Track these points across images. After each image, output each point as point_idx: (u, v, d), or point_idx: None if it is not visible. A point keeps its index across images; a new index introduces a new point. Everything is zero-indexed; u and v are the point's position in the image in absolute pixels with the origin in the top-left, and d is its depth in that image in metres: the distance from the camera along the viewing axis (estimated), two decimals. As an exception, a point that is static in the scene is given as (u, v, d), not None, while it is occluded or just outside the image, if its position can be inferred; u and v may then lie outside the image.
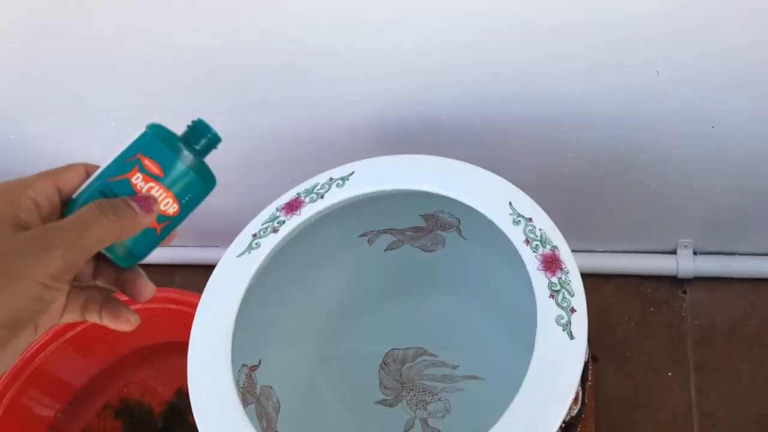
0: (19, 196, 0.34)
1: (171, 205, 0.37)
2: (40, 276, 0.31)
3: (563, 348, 0.57)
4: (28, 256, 0.31)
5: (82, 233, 0.32)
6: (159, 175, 0.36)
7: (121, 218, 0.34)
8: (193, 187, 0.37)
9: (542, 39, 0.66)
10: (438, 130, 0.80)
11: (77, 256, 0.32)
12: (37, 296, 0.31)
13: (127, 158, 0.36)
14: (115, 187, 0.35)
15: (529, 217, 0.64)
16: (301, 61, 0.73)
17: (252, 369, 0.73)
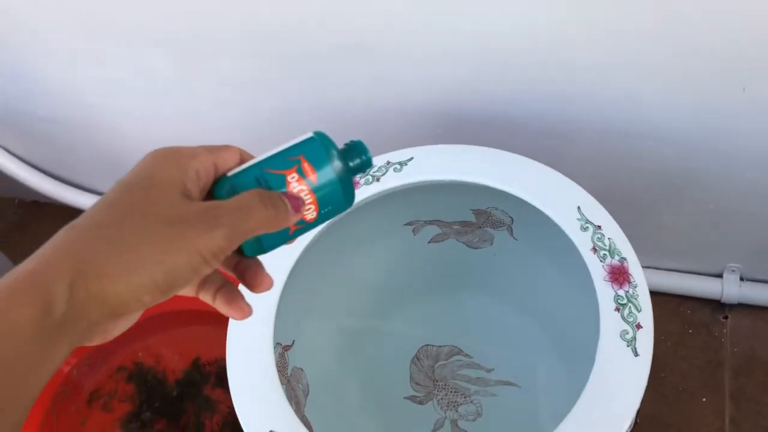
0: (187, 164, 0.34)
1: (311, 211, 0.37)
2: (203, 250, 0.31)
3: (626, 365, 0.54)
4: (197, 229, 0.31)
5: (245, 218, 0.33)
6: (312, 181, 0.37)
7: (276, 212, 0.34)
8: (336, 201, 0.38)
9: (629, 44, 0.63)
10: (499, 124, 0.77)
11: (237, 238, 0.32)
12: (195, 268, 0.31)
13: (288, 156, 0.37)
14: (271, 179, 0.36)
15: (598, 225, 0.61)
16: (369, 38, 0.70)
17: (285, 349, 0.70)
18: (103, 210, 0.31)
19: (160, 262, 0.30)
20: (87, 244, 0.29)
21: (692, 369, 0.91)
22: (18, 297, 0.27)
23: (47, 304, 0.27)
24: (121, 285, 0.29)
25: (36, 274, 0.28)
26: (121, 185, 0.33)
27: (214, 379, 0.99)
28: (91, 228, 0.30)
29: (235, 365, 0.60)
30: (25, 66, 0.91)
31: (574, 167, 0.79)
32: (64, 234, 0.30)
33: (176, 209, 0.31)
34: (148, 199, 0.31)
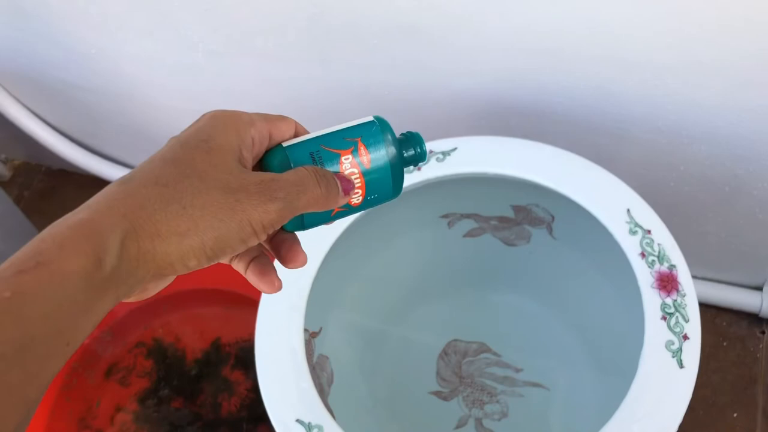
0: (245, 130, 0.33)
1: (358, 196, 0.36)
2: (256, 222, 0.31)
3: (670, 376, 0.52)
4: (253, 200, 0.31)
5: (299, 194, 0.32)
6: (365, 165, 0.36)
7: (328, 191, 0.34)
8: (383, 190, 0.37)
9: (688, 44, 0.60)
10: (546, 118, 0.74)
11: (289, 213, 0.32)
12: (244, 238, 0.31)
13: (346, 137, 0.36)
14: (325, 156, 0.35)
15: (647, 229, 0.59)
16: (419, 21, 0.68)
17: (312, 335, 0.69)
18: (160, 167, 0.30)
19: (212, 228, 0.30)
20: (143, 201, 0.29)
21: (724, 383, 0.89)
22: (71, 247, 0.27)
23: (99, 258, 0.27)
24: (171, 247, 0.29)
25: (90, 226, 0.28)
26: (179, 143, 0.32)
27: (233, 360, 0.98)
28: (148, 184, 0.30)
29: (263, 349, 0.59)
30: (63, 32, 0.90)
31: (621, 167, 0.77)
32: (119, 187, 0.30)
33: (234, 177, 0.31)
34: (207, 162, 0.31)
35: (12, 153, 1.33)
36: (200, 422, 0.92)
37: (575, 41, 0.65)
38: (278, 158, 0.34)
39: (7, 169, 1.33)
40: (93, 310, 0.27)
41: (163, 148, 0.32)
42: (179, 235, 0.29)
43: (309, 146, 0.35)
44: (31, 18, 0.89)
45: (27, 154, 1.32)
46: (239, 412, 0.93)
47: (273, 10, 0.74)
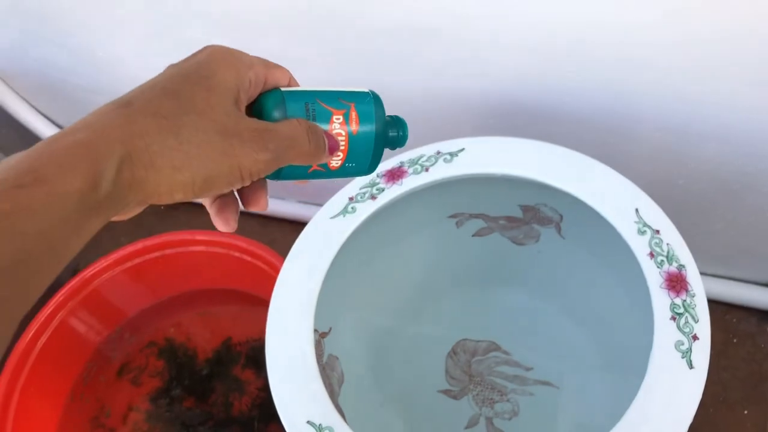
0: (245, 72, 0.34)
1: (338, 160, 0.37)
2: (245, 169, 0.32)
3: (680, 377, 0.52)
4: (246, 147, 0.31)
5: (289, 147, 0.33)
6: (353, 131, 0.36)
7: (315, 148, 0.35)
8: (361, 160, 0.38)
9: (701, 41, 0.60)
10: (555, 118, 0.74)
11: (276, 165, 0.33)
12: (231, 182, 0.32)
13: (341, 98, 0.36)
14: (318, 111, 0.36)
15: (656, 229, 0.59)
16: (425, 21, 0.68)
17: (322, 336, 0.69)
18: (161, 97, 0.31)
19: (204, 167, 0.30)
20: (142, 130, 0.29)
21: (734, 380, 0.88)
22: (69, 167, 0.27)
23: (95, 180, 0.27)
24: (162, 178, 0.30)
25: (90, 148, 0.28)
26: (180, 75, 0.32)
27: (243, 359, 0.99)
28: (148, 114, 0.30)
29: (273, 351, 0.59)
30: (72, 36, 0.90)
31: (629, 166, 0.77)
32: (118, 111, 0.30)
33: (231, 120, 0.31)
34: (207, 100, 0.31)
35: (23, 154, 1.34)
36: (212, 421, 0.93)
37: (582, 41, 0.64)
38: (275, 101, 0.35)
39: (18, 171, 1.33)
40: (83, 230, 0.28)
41: (162, 77, 0.32)
42: (172, 168, 0.30)
43: (305, 97, 0.35)
44: (39, 21, 0.90)
45: (37, 156, 1.33)
46: (250, 412, 0.94)
47: (280, 13, 0.74)
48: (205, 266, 0.98)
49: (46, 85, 1.06)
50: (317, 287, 0.62)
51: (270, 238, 1.13)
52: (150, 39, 0.86)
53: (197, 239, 0.95)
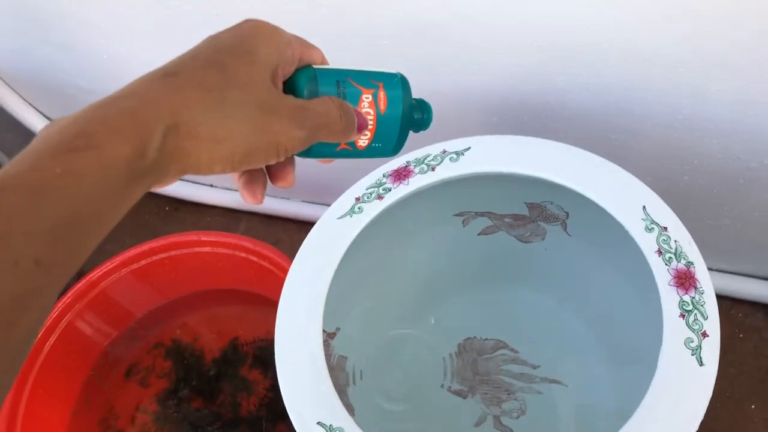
0: (284, 49, 0.34)
1: (365, 139, 0.38)
2: (281, 146, 0.32)
3: (690, 374, 0.52)
4: (284, 125, 0.32)
5: (323, 126, 0.34)
6: (381, 111, 0.37)
7: (346, 126, 0.35)
8: (387, 141, 0.38)
9: (705, 35, 0.60)
10: (558, 115, 0.74)
11: (310, 142, 0.33)
12: (268, 158, 0.32)
13: (371, 78, 0.37)
14: (349, 89, 0.36)
15: (664, 226, 0.59)
16: (429, 20, 0.68)
17: (330, 336, 0.69)
18: (205, 68, 0.31)
19: (245, 142, 0.31)
20: (188, 101, 0.30)
21: (741, 375, 0.89)
22: (120, 133, 0.27)
23: (143, 147, 0.28)
24: (204, 150, 0.30)
25: (139, 116, 0.28)
26: (225, 48, 0.32)
27: (251, 359, 0.99)
28: (193, 86, 0.30)
29: (283, 353, 0.59)
30: (76, 39, 0.90)
31: (634, 162, 0.77)
32: (164, 80, 0.30)
33: (271, 96, 0.32)
34: (250, 75, 0.32)
35: (26, 157, 1.34)
36: (220, 422, 0.93)
37: (586, 37, 0.64)
38: (308, 78, 0.35)
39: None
40: (128, 197, 0.28)
41: (205, 48, 0.32)
42: (215, 141, 0.30)
43: (337, 75, 0.36)
44: (40, 24, 0.90)
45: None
46: (258, 411, 0.94)
47: (282, 14, 0.74)
48: (211, 267, 0.98)
49: (49, 87, 1.06)
50: (325, 288, 0.62)
51: (275, 238, 1.13)
52: (153, 40, 0.86)
53: (203, 240, 0.95)
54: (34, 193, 0.25)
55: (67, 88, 1.03)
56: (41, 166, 0.25)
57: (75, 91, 1.03)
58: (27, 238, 0.24)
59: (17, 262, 0.23)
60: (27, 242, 0.24)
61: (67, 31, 0.90)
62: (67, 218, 0.25)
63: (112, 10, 0.83)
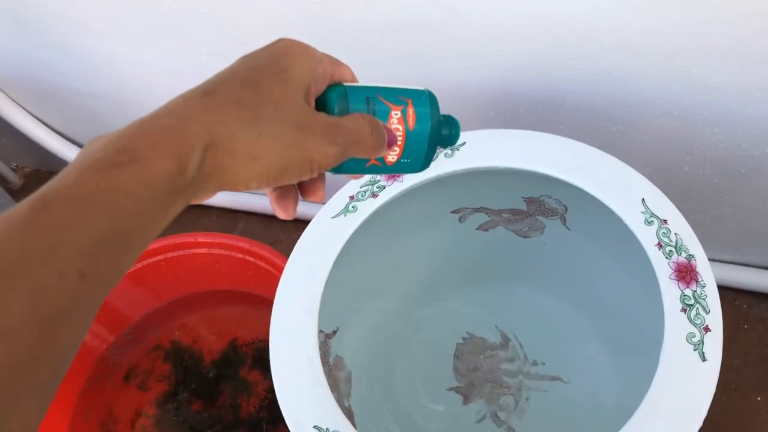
0: (316, 67, 0.35)
1: (394, 155, 0.38)
2: (315, 162, 0.33)
3: (693, 370, 0.51)
4: (317, 141, 0.33)
5: (355, 143, 0.34)
6: (409, 127, 0.37)
7: (377, 142, 0.36)
8: (415, 157, 0.39)
9: (702, 24, 0.59)
10: (556, 107, 0.73)
11: (341, 159, 0.34)
12: (301, 174, 0.33)
13: (400, 95, 0.37)
14: (378, 106, 0.37)
15: (663, 219, 0.57)
16: (421, 14, 0.67)
17: (328, 336, 0.68)
18: (241, 87, 0.32)
19: (279, 159, 0.31)
20: (225, 119, 0.30)
21: (746, 366, 0.87)
22: (162, 150, 0.28)
23: (183, 164, 0.29)
24: (241, 167, 0.31)
25: (179, 133, 0.29)
26: (258, 67, 0.33)
27: (250, 360, 0.98)
28: (231, 104, 0.31)
29: (278, 355, 0.58)
30: (65, 40, 0.89)
31: (633, 153, 0.76)
32: (202, 99, 0.31)
33: (304, 114, 0.33)
34: (284, 93, 0.32)
35: (22, 161, 1.33)
36: (220, 424, 0.93)
37: (581, 28, 0.63)
38: (338, 95, 0.36)
39: (18, 177, 1.33)
40: (168, 212, 0.29)
41: (240, 67, 0.33)
42: (251, 158, 0.31)
43: (367, 92, 0.37)
44: (34, 27, 0.89)
45: (37, 162, 1.33)
46: (259, 413, 0.93)
47: (273, 9, 0.73)
48: (208, 268, 0.97)
49: (42, 90, 1.05)
50: (320, 289, 0.61)
51: (273, 238, 1.12)
52: (146, 41, 0.85)
53: (199, 241, 0.94)
54: (80, 206, 0.25)
55: (61, 91, 1.02)
56: (86, 180, 0.26)
57: (69, 93, 1.02)
58: (72, 250, 0.25)
59: (63, 274, 0.24)
60: (72, 254, 0.25)
61: (60, 34, 0.89)
62: (110, 231, 0.26)
63: (104, 12, 0.82)
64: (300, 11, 0.72)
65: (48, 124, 1.14)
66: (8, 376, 0.22)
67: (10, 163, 1.33)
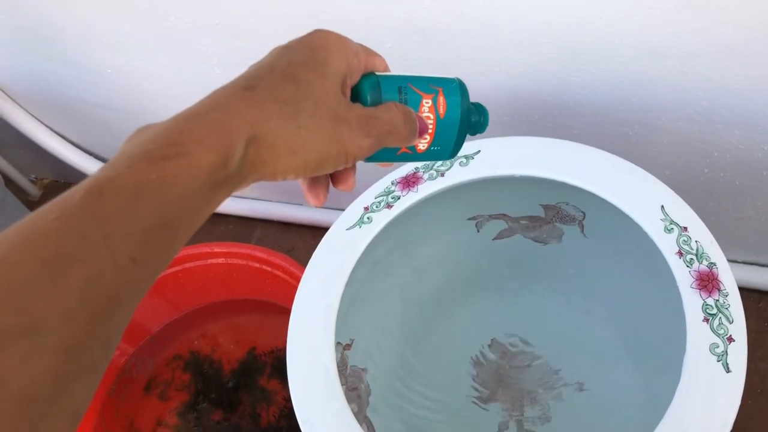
0: (352, 60, 0.35)
1: (425, 143, 0.39)
2: (350, 153, 0.34)
3: (717, 381, 0.50)
4: (353, 133, 0.34)
5: (387, 133, 0.35)
6: (440, 115, 0.38)
7: (409, 131, 0.36)
8: (446, 144, 0.39)
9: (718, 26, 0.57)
10: (571, 112, 0.72)
11: (375, 149, 0.35)
12: (336, 164, 0.34)
13: (431, 83, 0.38)
14: (410, 95, 0.37)
15: (684, 226, 0.56)
16: (432, 22, 0.66)
17: (345, 348, 0.68)
18: (281, 82, 0.33)
19: (316, 151, 0.33)
20: (266, 114, 0.32)
21: (772, 369, 0.86)
22: (207, 143, 0.29)
23: (227, 157, 0.30)
24: (280, 159, 0.32)
25: (224, 128, 0.30)
26: (297, 60, 0.34)
27: (269, 369, 0.98)
28: (271, 99, 0.32)
29: (295, 368, 0.58)
30: (80, 54, 0.90)
31: (651, 157, 0.75)
32: (244, 95, 0.32)
33: (340, 107, 0.34)
34: (322, 87, 0.33)
35: (40, 172, 1.35)
36: (240, 434, 0.93)
37: (597, 32, 0.62)
38: (371, 85, 0.36)
39: (36, 189, 1.34)
40: (212, 202, 0.30)
41: (279, 60, 0.34)
42: (290, 151, 0.32)
43: (398, 81, 0.37)
44: (49, 42, 0.89)
45: (55, 173, 1.34)
46: (279, 422, 0.93)
47: (282, 19, 0.72)
48: (225, 278, 0.97)
49: (58, 103, 1.05)
50: (336, 301, 0.60)
51: (290, 245, 1.12)
52: (156, 51, 0.85)
53: (216, 251, 0.95)
54: (132, 196, 0.27)
55: (76, 104, 1.03)
56: (138, 170, 0.27)
57: (84, 105, 1.03)
58: (125, 237, 0.26)
59: (117, 260, 0.26)
60: (125, 242, 0.26)
61: (74, 48, 0.89)
62: (160, 220, 0.27)
63: (114, 25, 0.82)
64: (310, 21, 0.71)
65: (64, 136, 1.14)
66: (63, 357, 0.23)
67: (29, 175, 1.34)
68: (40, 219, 0.26)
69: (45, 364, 0.23)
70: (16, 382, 0.22)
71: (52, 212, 0.26)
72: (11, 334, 0.22)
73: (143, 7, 0.77)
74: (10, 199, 1.11)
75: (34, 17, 0.85)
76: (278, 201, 1.15)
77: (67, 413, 0.24)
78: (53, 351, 0.23)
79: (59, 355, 0.23)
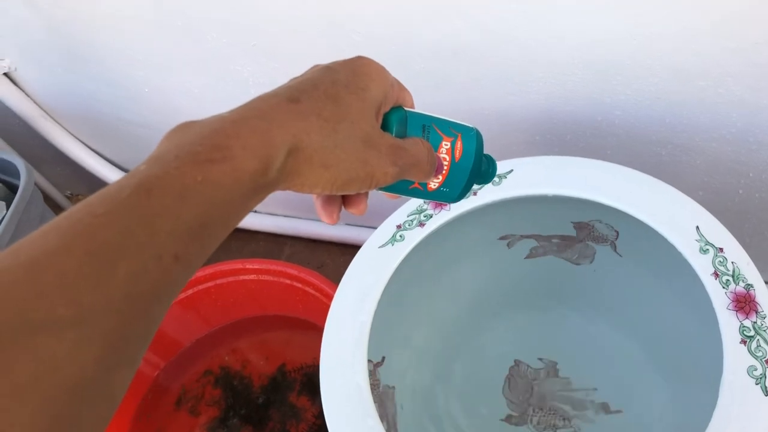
0: (387, 90, 0.37)
1: (435, 183, 0.40)
2: (375, 179, 0.35)
3: (755, 405, 0.49)
4: (381, 160, 0.35)
5: (412, 165, 0.37)
6: (455, 159, 0.40)
7: (430, 169, 0.38)
8: (454, 187, 0.41)
9: (753, 46, 0.57)
10: (604, 132, 0.72)
11: (397, 179, 0.36)
12: (362, 188, 0.35)
13: (452, 128, 0.40)
14: (432, 134, 0.39)
15: (719, 247, 0.56)
16: (464, 38, 0.67)
17: (376, 366, 0.68)
18: (324, 100, 0.34)
19: (346, 171, 0.34)
20: (308, 127, 0.33)
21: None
22: (251, 149, 0.31)
23: (268, 165, 0.31)
24: (313, 173, 0.33)
25: (268, 136, 0.31)
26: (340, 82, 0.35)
27: (299, 386, 0.99)
28: (313, 114, 0.33)
29: (328, 386, 0.58)
30: (118, 73, 0.92)
31: (684, 177, 0.74)
32: (288, 106, 0.33)
33: (374, 133, 0.35)
34: (360, 111, 0.35)
35: (76, 188, 1.37)
36: (270, 451, 0.93)
37: (629, 52, 0.62)
38: (399, 119, 0.38)
39: (72, 204, 1.37)
40: (248, 206, 0.31)
41: (324, 79, 0.35)
42: (324, 167, 0.33)
43: (423, 119, 0.39)
44: (89, 62, 0.92)
45: (90, 189, 1.36)
46: (307, 439, 0.93)
47: (316, 41, 0.74)
48: (256, 294, 0.98)
49: (94, 120, 1.08)
50: (369, 319, 0.61)
51: (320, 262, 1.13)
52: (192, 72, 0.87)
53: (248, 268, 0.96)
54: (178, 196, 0.28)
55: (112, 121, 1.05)
56: (185, 172, 0.29)
57: (119, 123, 1.05)
58: (170, 236, 0.27)
59: (160, 257, 0.27)
60: (169, 240, 0.27)
61: (111, 67, 0.92)
62: (202, 221, 0.28)
63: (152, 46, 0.84)
64: (343, 42, 0.72)
65: (100, 152, 1.17)
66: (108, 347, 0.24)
67: (65, 191, 1.37)
68: (87, 214, 0.26)
69: (91, 354, 0.24)
70: (65, 370, 0.23)
71: (100, 207, 0.27)
72: (62, 324, 0.23)
73: (177, 26, 0.79)
74: (49, 216, 1.14)
75: (73, 38, 0.88)
76: (308, 218, 1.16)
77: (107, 402, 0.25)
78: (99, 341, 0.24)
79: (104, 346, 0.24)
